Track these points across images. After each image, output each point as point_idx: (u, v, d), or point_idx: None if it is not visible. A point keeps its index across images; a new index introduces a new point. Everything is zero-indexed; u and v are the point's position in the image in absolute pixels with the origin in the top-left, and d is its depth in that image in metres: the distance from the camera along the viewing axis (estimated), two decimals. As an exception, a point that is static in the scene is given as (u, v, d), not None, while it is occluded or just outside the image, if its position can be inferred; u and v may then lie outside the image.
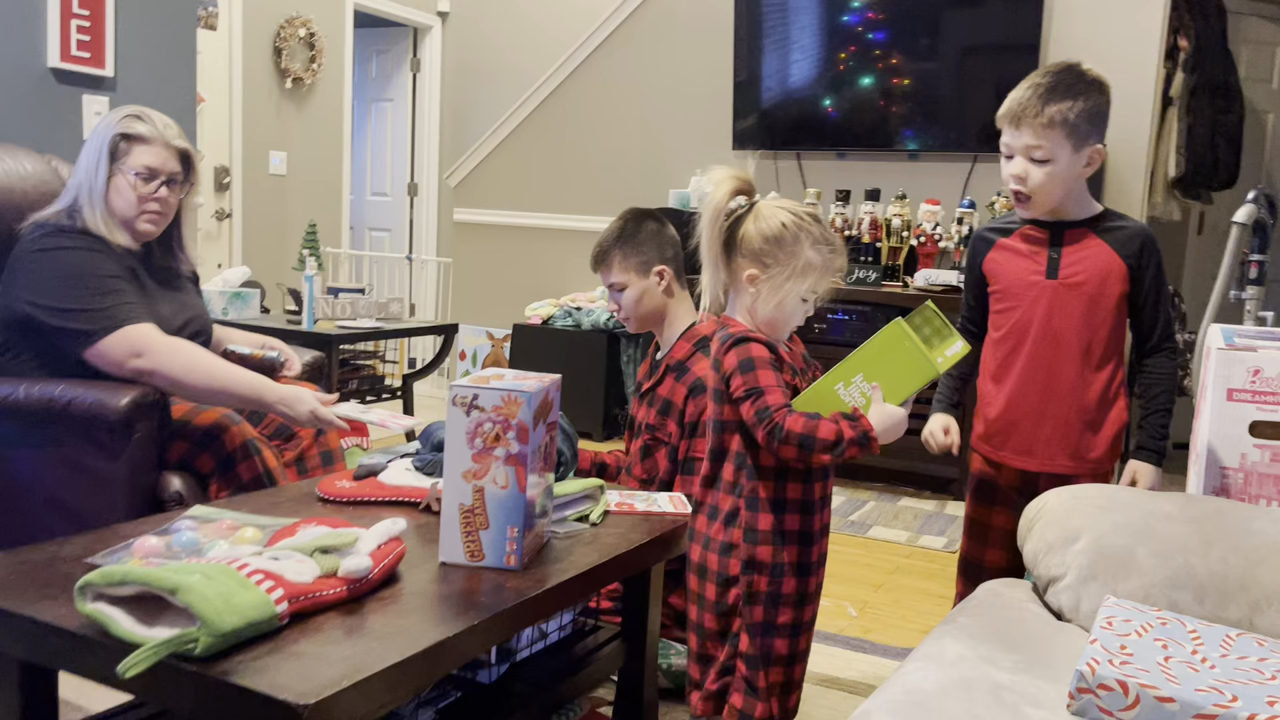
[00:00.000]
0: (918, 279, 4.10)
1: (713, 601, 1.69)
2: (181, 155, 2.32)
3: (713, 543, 1.69)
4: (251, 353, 2.52)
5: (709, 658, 1.71)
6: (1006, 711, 1.17)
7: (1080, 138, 1.81)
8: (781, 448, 1.59)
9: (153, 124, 2.28)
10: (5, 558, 1.46)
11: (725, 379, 1.65)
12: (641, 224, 2.30)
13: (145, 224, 2.29)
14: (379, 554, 1.43)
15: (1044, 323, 1.89)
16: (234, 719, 1.15)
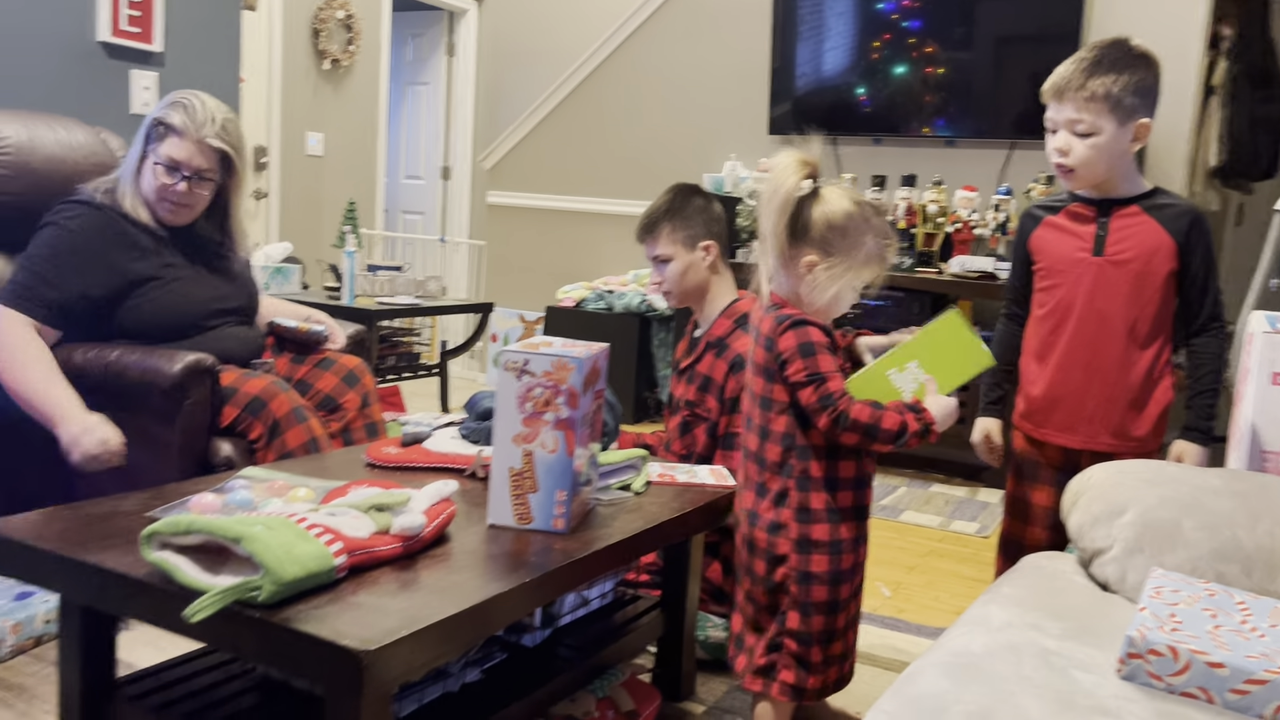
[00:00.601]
0: (953, 265, 4.09)
1: (762, 576, 1.71)
2: (219, 154, 2.32)
3: (759, 519, 1.71)
4: (297, 326, 2.55)
5: (760, 627, 1.73)
6: (1055, 675, 1.18)
7: (1125, 112, 1.80)
8: (845, 434, 1.61)
9: (192, 116, 2.28)
10: (68, 511, 1.50)
11: (781, 360, 1.65)
12: (690, 198, 2.31)
13: (165, 211, 2.33)
14: (431, 513, 1.46)
15: (1088, 300, 1.89)
16: (297, 664, 1.19)
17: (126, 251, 2.29)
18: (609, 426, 2.06)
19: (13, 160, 2.44)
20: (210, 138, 2.29)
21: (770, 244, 1.66)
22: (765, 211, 1.66)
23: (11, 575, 1.43)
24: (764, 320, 1.70)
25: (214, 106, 2.32)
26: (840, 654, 1.75)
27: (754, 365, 1.73)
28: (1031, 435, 1.99)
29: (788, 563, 1.68)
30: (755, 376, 1.73)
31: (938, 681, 1.16)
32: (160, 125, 2.28)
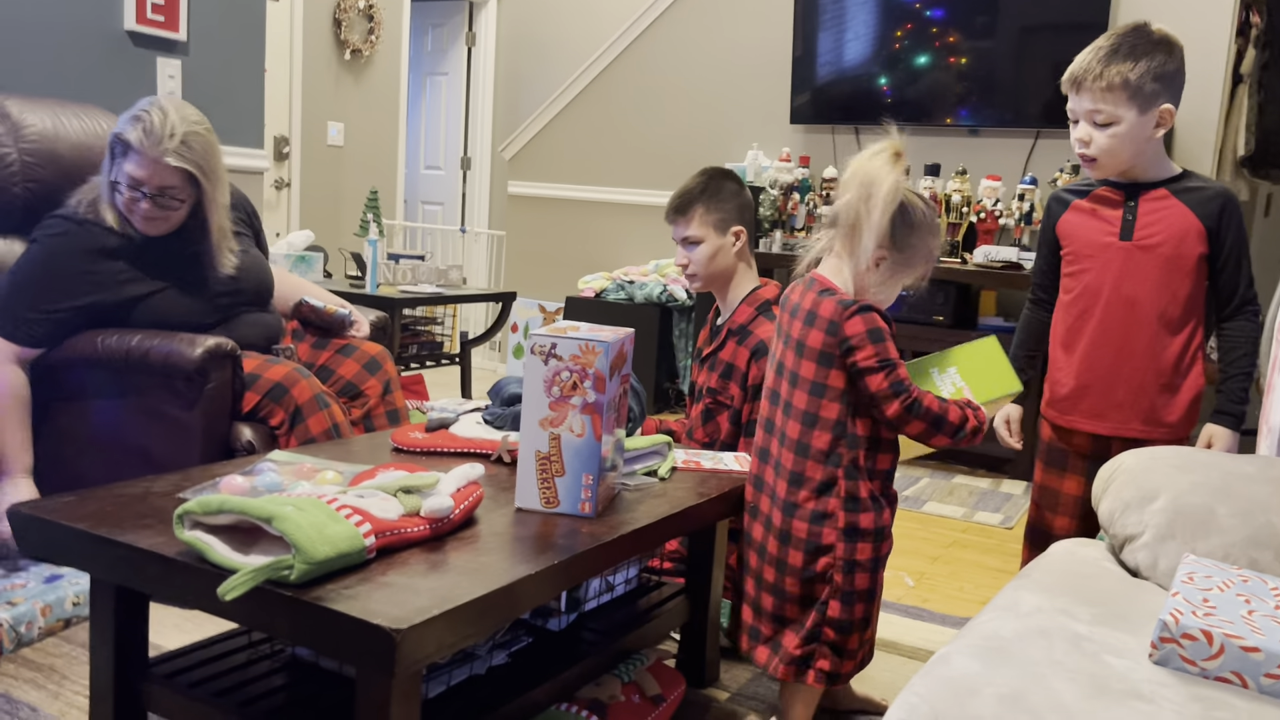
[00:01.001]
0: (977, 255, 4.07)
1: (798, 568, 1.69)
2: (183, 172, 2.19)
3: (799, 509, 1.68)
4: (325, 306, 2.56)
5: (785, 619, 1.72)
6: (1087, 659, 1.17)
7: (1146, 99, 1.78)
8: (913, 422, 1.62)
9: (149, 133, 2.15)
10: (101, 492, 1.52)
11: (846, 345, 1.63)
12: (725, 182, 2.30)
13: (140, 226, 2.25)
14: (459, 496, 1.47)
15: (1115, 286, 1.87)
16: (329, 643, 1.19)
17: (112, 266, 2.23)
18: (634, 413, 2.07)
19: (39, 148, 2.46)
20: (168, 156, 2.15)
21: (869, 234, 1.64)
22: (866, 200, 1.63)
23: (45, 557, 1.44)
24: (821, 304, 1.67)
25: (177, 120, 2.17)
26: (871, 637, 1.76)
27: (804, 349, 1.69)
28: (1058, 423, 1.98)
29: (833, 552, 1.67)
30: (804, 360, 1.69)
31: (969, 664, 1.15)
32: (119, 141, 2.18)
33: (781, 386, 1.74)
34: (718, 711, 1.93)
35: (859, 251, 1.66)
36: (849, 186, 1.67)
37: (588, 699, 1.65)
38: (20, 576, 2.15)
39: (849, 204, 1.66)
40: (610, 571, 1.87)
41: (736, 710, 1.94)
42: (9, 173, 2.41)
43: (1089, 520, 1.94)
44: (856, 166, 1.67)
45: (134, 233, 2.26)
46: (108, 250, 2.24)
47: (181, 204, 2.25)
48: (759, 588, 1.76)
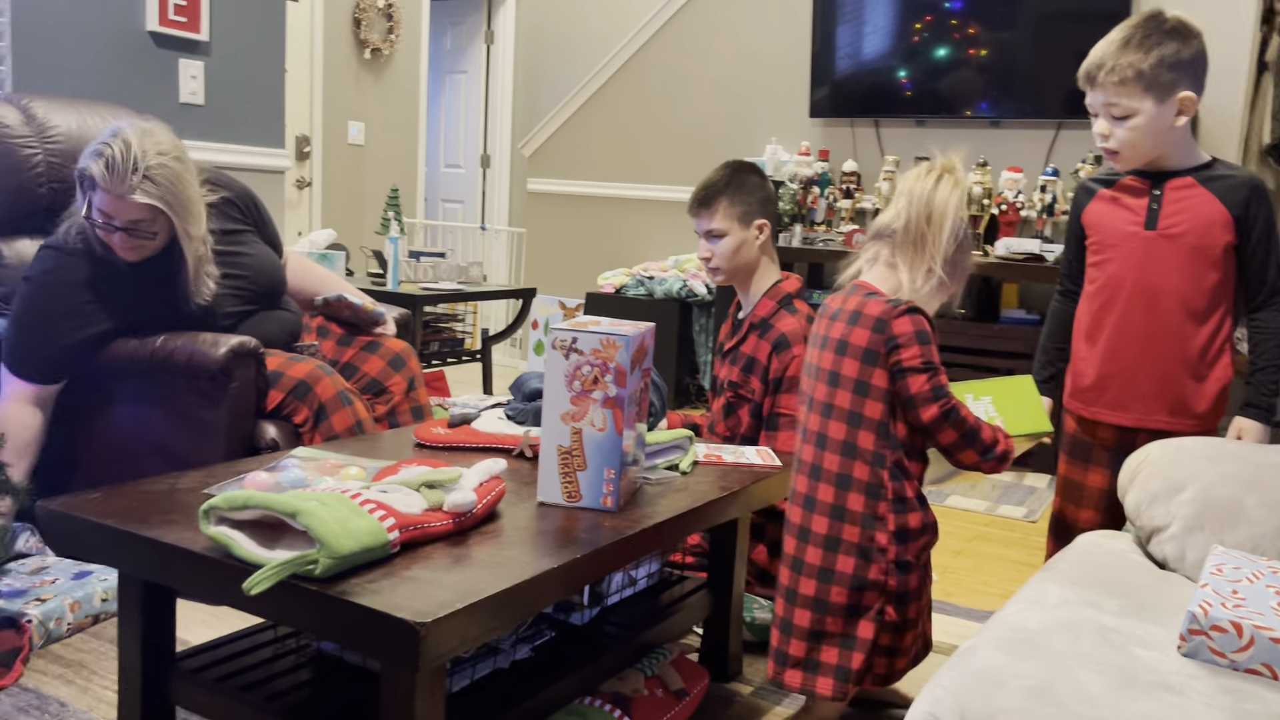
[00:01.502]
0: (998, 248, 4.04)
1: (848, 574, 1.66)
2: (149, 208, 2.12)
3: (849, 514, 1.66)
4: (363, 304, 2.57)
5: (824, 634, 1.67)
6: (1115, 651, 1.16)
7: (1163, 88, 1.76)
8: (948, 430, 1.62)
9: (112, 169, 2.08)
10: (128, 489, 1.53)
11: (892, 343, 1.63)
12: (749, 175, 2.30)
13: (120, 254, 2.20)
14: (482, 490, 1.47)
15: (1139, 275, 1.85)
16: (354, 637, 1.20)
17: (110, 292, 2.22)
18: (655, 407, 2.07)
19: (64, 149, 2.49)
20: (132, 193, 2.09)
21: (936, 251, 1.65)
22: (927, 219, 1.65)
23: (73, 553, 1.46)
24: (866, 304, 1.67)
25: (140, 152, 2.09)
26: (924, 630, 1.76)
27: (848, 348, 1.67)
28: (1082, 415, 1.96)
29: (886, 555, 1.65)
30: (846, 359, 1.67)
31: (994, 656, 1.14)
32: (84, 176, 2.12)
33: (819, 390, 1.71)
34: (741, 706, 1.93)
35: (920, 265, 1.67)
36: (907, 205, 1.68)
37: (611, 693, 1.65)
38: (49, 573, 2.17)
39: (910, 222, 1.67)
40: (632, 566, 1.87)
41: (760, 704, 1.93)
42: (35, 173, 2.43)
43: (1114, 513, 1.92)
44: (917, 189, 1.67)
45: (120, 260, 2.21)
46: (102, 278, 2.21)
47: (155, 236, 2.19)
48: (791, 604, 1.71)
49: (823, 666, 1.68)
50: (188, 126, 3.13)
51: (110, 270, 2.21)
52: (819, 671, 1.68)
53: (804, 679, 1.69)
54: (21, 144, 2.42)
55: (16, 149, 2.41)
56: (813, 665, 1.68)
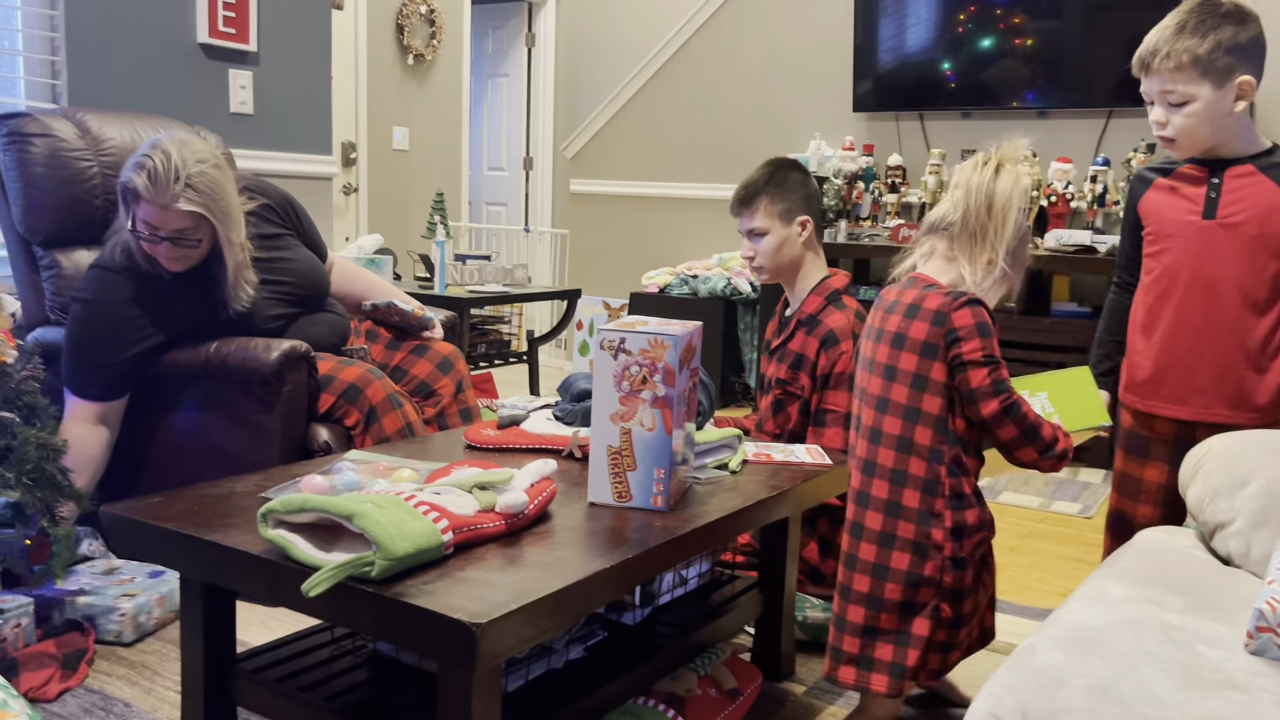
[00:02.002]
0: (1048, 240, 3.98)
1: (903, 571, 1.64)
2: (193, 215, 2.16)
3: (904, 510, 1.64)
4: (413, 310, 2.60)
5: (878, 630, 1.66)
6: (1179, 649, 1.14)
7: (1220, 73, 1.72)
8: (1008, 425, 1.60)
9: (154, 180, 2.12)
10: (187, 493, 1.56)
11: (952, 335, 1.61)
12: (790, 172, 2.28)
13: (165, 265, 2.23)
14: (533, 491, 1.48)
15: (1196, 265, 1.81)
16: (410, 638, 1.21)
17: (159, 307, 2.25)
18: (703, 406, 2.06)
19: (119, 161, 2.53)
20: (175, 202, 2.12)
21: (998, 243, 1.64)
22: (988, 210, 1.64)
23: (135, 556, 1.49)
24: (925, 297, 1.65)
25: (180, 162, 2.13)
26: (982, 621, 1.75)
27: (906, 341, 1.65)
28: (1138, 409, 1.92)
29: (942, 552, 1.63)
30: (904, 353, 1.65)
31: (1055, 655, 1.13)
32: (127, 190, 2.16)
33: (874, 384, 1.70)
34: (795, 705, 1.92)
35: (980, 258, 1.65)
36: (965, 196, 1.66)
37: (664, 693, 1.65)
38: (123, 573, 2.22)
39: (969, 214, 1.65)
40: (683, 565, 1.87)
41: (814, 704, 1.92)
42: (90, 185, 2.48)
43: (1173, 508, 1.88)
44: (975, 180, 1.66)
45: (152, 269, 2.25)
46: (148, 292, 2.24)
47: (200, 243, 2.22)
48: (845, 600, 1.70)
49: (877, 663, 1.67)
50: (238, 136, 3.18)
51: (156, 284, 2.25)
52: (873, 668, 1.67)
53: (858, 675, 1.68)
54: (77, 157, 2.47)
55: (72, 162, 2.46)
56: (867, 662, 1.67)
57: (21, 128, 2.44)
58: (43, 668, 1.86)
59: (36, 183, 2.42)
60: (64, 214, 2.46)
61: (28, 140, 2.43)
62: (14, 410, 1.98)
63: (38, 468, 1.95)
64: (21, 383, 2.01)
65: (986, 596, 1.76)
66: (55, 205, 2.44)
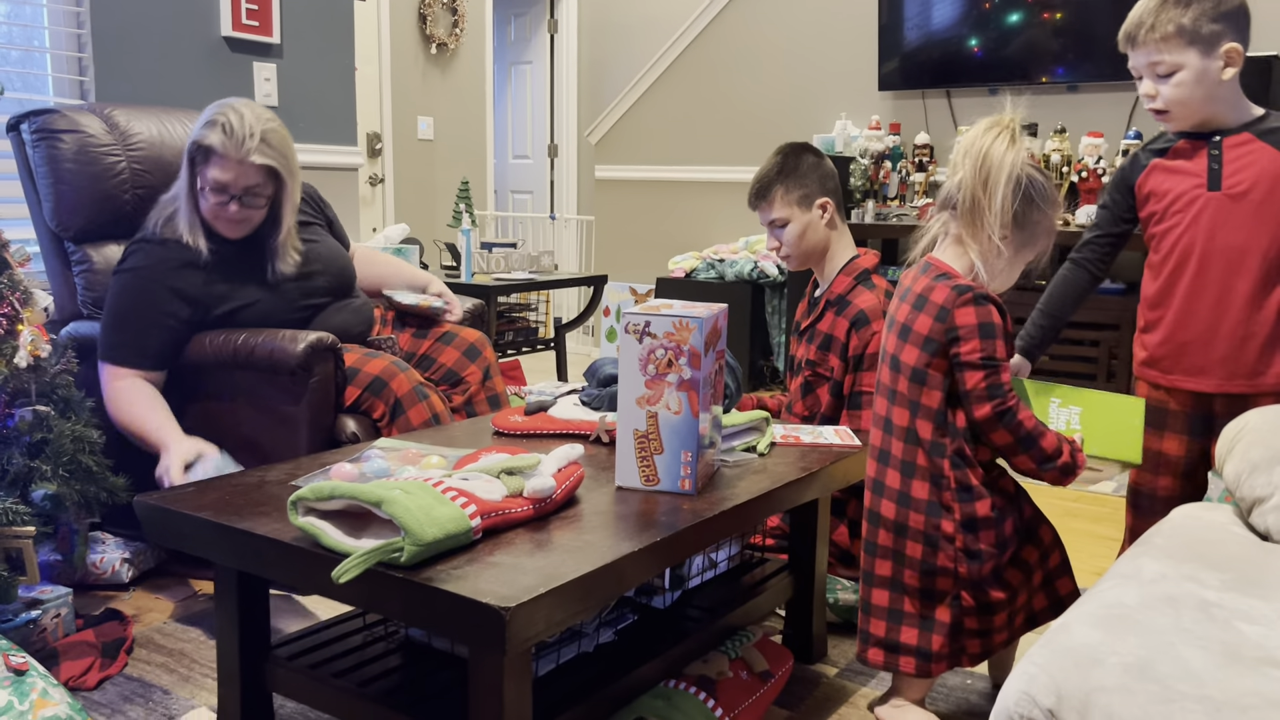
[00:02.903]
0: (1079, 216, 3.92)
1: (918, 560, 1.65)
2: (265, 169, 2.22)
3: (914, 501, 1.64)
4: (418, 304, 2.60)
5: (901, 614, 1.67)
6: (1217, 626, 1.12)
7: (1206, 42, 1.71)
8: (1001, 432, 1.57)
9: (230, 135, 2.17)
10: (219, 482, 1.57)
11: (953, 334, 1.59)
12: (801, 157, 2.26)
13: (225, 230, 2.28)
14: (560, 476, 1.48)
15: (1208, 237, 1.79)
16: (440, 623, 1.21)
17: (198, 280, 2.27)
18: (730, 389, 2.05)
19: (147, 155, 2.56)
20: (252, 155, 2.18)
21: (992, 218, 1.58)
22: (984, 183, 1.57)
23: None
24: (933, 289, 1.62)
25: (253, 119, 2.20)
26: (1024, 604, 1.73)
27: (910, 334, 1.64)
28: (1159, 383, 1.90)
29: (954, 544, 1.63)
30: (909, 346, 1.64)
31: (1090, 633, 1.11)
32: (200, 148, 2.20)
33: (884, 373, 1.71)
34: (827, 687, 1.91)
35: (981, 236, 1.60)
36: (961, 165, 1.61)
37: (695, 676, 1.65)
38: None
39: (965, 185, 1.60)
40: (712, 548, 1.87)
41: (846, 685, 1.92)
42: (119, 180, 2.51)
43: (1193, 479, 1.89)
44: (969, 145, 1.60)
45: (213, 245, 2.28)
46: (191, 265, 2.26)
47: (265, 203, 2.27)
48: (869, 585, 1.71)
49: (903, 646, 1.68)
50: (263, 128, 3.19)
51: (197, 257, 2.28)
52: (900, 651, 1.68)
53: (886, 658, 1.69)
54: (106, 152, 2.50)
55: (101, 157, 2.48)
56: (893, 645, 1.68)
57: (50, 124, 2.46)
58: (82, 657, 1.89)
59: (66, 179, 2.45)
60: (94, 209, 2.48)
61: (57, 136, 2.45)
62: (49, 404, 2.01)
63: (74, 460, 1.98)
64: (56, 376, 2.04)
65: (1040, 575, 1.73)
66: (85, 200, 2.47)
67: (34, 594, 1.95)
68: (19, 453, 1.94)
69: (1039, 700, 1.05)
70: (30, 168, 2.49)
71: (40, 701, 1.65)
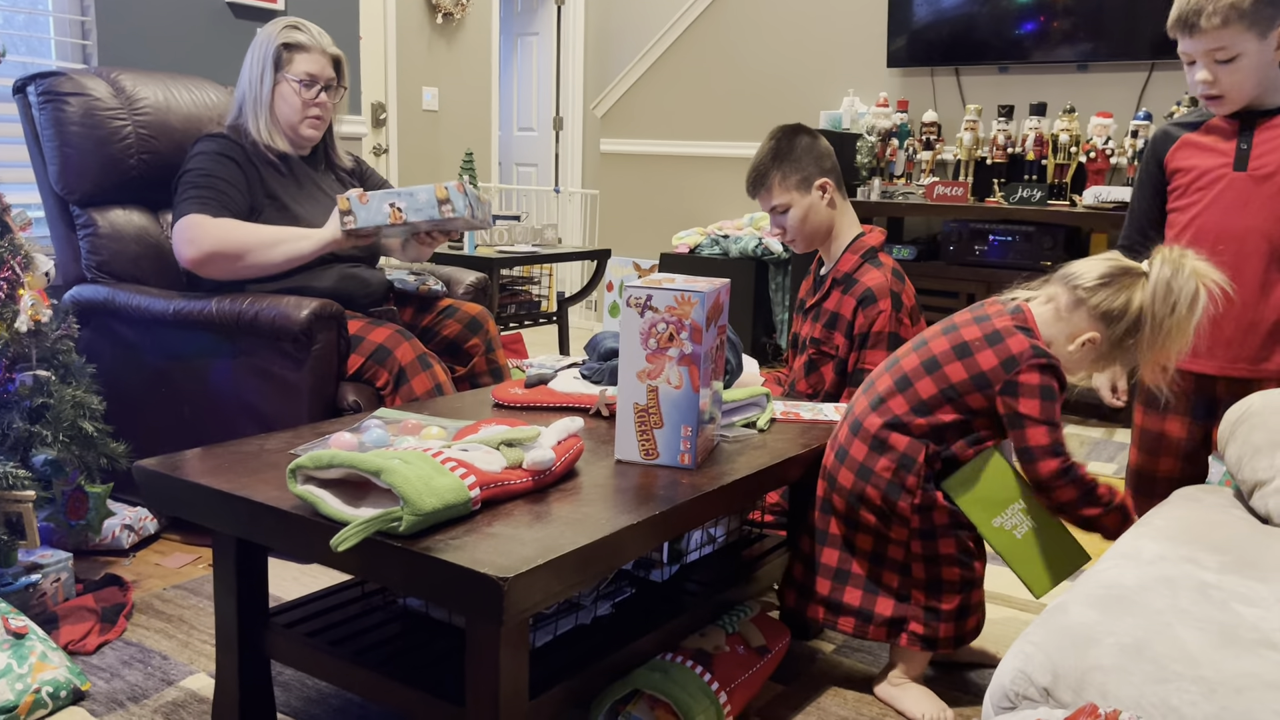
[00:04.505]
0: (1087, 197, 3.90)
1: (872, 525, 1.70)
2: (334, 61, 2.46)
3: (875, 476, 1.67)
4: (418, 288, 2.59)
5: (849, 574, 1.74)
6: (1215, 608, 1.12)
7: (1265, 22, 1.69)
8: (1066, 488, 1.59)
9: (310, 33, 2.43)
10: (219, 450, 1.57)
11: (1011, 386, 1.60)
12: (795, 139, 2.23)
13: (308, 129, 2.44)
14: (560, 449, 1.47)
15: (1224, 218, 1.78)
16: (438, 591, 1.22)
17: (258, 175, 2.38)
18: (731, 364, 2.05)
19: (153, 120, 2.54)
20: (329, 46, 2.45)
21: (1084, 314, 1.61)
22: (1177, 322, 1.55)
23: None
24: (1015, 336, 1.62)
25: (310, 22, 2.47)
26: (979, 602, 1.75)
27: (966, 355, 1.65)
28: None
29: (909, 524, 1.67)
30: (959, 362, 1.65)
31: (1087, 613, 1.11)
32: (286, 47, 2.39)
33: (911, 360, 1.71)
34: (823, 663, 1.92)
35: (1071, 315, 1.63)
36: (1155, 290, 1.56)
37: (693, 649, 1.65)
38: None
39: (1150, 315, 1.57)
40: (711, 523, 1.87)
41: (842, 661, 1.92)
42: (124, 145, 2.49)
43: (1195, 461, 1.89)
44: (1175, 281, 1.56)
45: (280, 146, 2.42)
46: (249, 162, 2.38)
47: (338, 93, 2.49)
48: (821, 543, 1.77)
49: (845, 607, 1.74)
50: (267, 96, 3.17)
51: (251, 159, 2.38)
52: (841, 611, 1.75)
53: (825, 615, 1.76)
54: (112, 116, 2.48)
55: (107, 121, 2.47)
56: (835, 605, 1.75)
57: (56, 86, 2.44)
58: (82, 621, 1.90)
59: (72, 142, 2.44)
60: (100, 173, 2.47)
61: (63, 99, 2.44)
62: (50, 369, 2.01)
63: (74, 425, 1.98)
64: (57, 341, 2.04)
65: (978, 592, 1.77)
66: (91, 164, 2.45)
67: (34, 558, 1.95)
68: (19, 417, 1.94)
69: (1035, 679, 1.05)
70: (36, 130, 2.48)
71: (39, 664, 1.66)
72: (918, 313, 2.20)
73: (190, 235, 2.26)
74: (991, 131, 4.24)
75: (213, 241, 2.25)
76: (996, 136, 4.21)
